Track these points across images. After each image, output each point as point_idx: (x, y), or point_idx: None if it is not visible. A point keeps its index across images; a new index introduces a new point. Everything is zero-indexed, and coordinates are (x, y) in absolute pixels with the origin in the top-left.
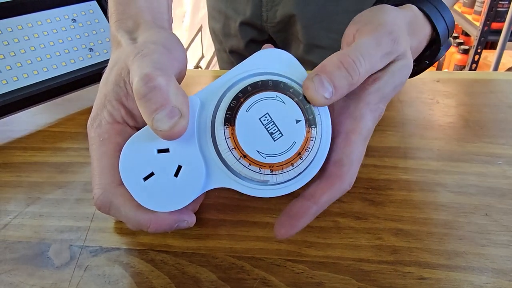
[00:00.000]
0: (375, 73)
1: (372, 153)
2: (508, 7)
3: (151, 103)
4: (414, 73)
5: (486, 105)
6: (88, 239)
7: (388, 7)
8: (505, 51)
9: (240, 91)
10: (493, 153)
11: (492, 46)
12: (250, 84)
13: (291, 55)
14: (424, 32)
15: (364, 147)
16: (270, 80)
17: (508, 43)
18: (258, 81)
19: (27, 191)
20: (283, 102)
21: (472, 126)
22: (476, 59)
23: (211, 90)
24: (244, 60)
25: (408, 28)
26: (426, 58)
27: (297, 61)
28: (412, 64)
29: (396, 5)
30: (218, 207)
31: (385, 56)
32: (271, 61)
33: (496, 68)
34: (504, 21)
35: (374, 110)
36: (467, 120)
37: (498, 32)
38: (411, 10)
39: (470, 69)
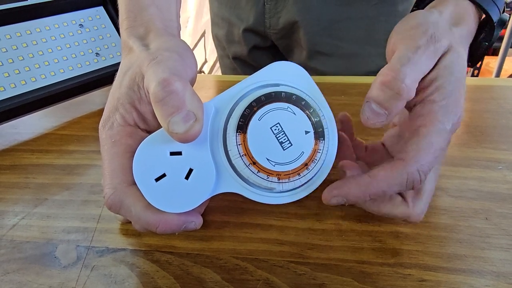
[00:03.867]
0: (428, 73)
1: None
2: (511, 14)
3: (168, 107)
4: (477, 59)
5: (488, 111)
6: (95, 239)
7: (418, 12)
8: (507, 58)
9: (254, 100)
10: (494, 158)
11: (494, 52)
12: (264, 94)
13: (303, 68)
14: (470, 17)
15: (439, 144)
16: (283, 91)
17: (510, 50)
18: (272, 92)
19: (34, 192)
20: (294, 114)
21: (473, 132)
22: (478, 65)
23: (225, 97)
24: (258, 71)
25: (450, 20)
26: (484, 40)
27: (308, 74)
28: (465, 54)
29: None
30: (222, 210)
31: (430, 56)
32: (284, 74)
33: (498, 74)
34: (506, 28)
35: (442, 106)
36: (468, 126)
37: (500, 38)
38: (448, 3)
39: (472, 75)
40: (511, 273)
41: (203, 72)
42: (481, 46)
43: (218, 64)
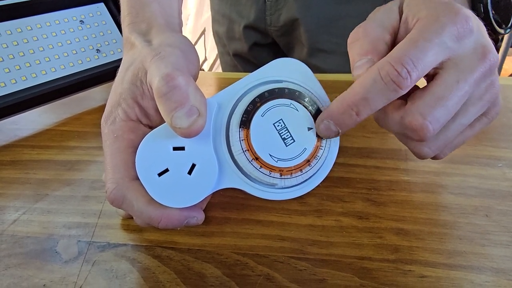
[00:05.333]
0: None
1: (374, 155)
2: None
3: (171, 102)
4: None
5: None
6: (96, 235)
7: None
8: (507, 57)
9: (257, 96)
10: (494, 156)
11: None
12: (267, 90)
13: (306, 65)
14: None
15: (428, 44)
16: (286, 88)
17: (511, 49)
18: (275, 88)
19: (35, 188)
20: (297, 110)
21: None
22: None
23: (228, 93)
24: (262, 67)
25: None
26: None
27: (311, 71)
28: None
29: None
30: (223, 206)
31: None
32: (288, 70)
33: (498, 73)
34: None
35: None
36: None
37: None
38: None
39: None
40: (511, 269)
41: (203, 70)
42: None
43: (218, 62)
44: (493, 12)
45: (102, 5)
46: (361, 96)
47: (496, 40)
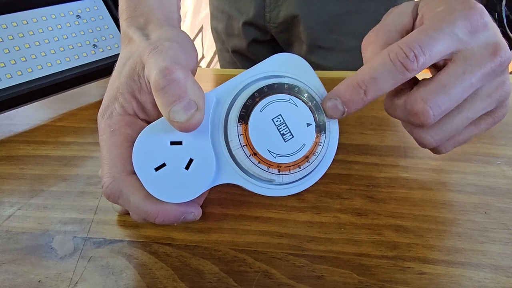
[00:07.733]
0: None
1: (373, 152)
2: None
3: (169, 95)
4: None
5: None
6: (92, 231)
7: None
8: None
9: (257, 91)
10: (492, 154)
11: None
12: (266, 85)
13: (305, 61)
14: None
15: (438, 32)
16: (286, 83)
17: None
18: (275, 83)
19: (30, 183)
20: (296, 105)
21: None
22: None
23: (226, 88)
24: (261, 62)
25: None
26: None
27: (310, 66)
28: None
29: None
30: (220, 202)
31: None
32: (287, 65)
33: None
34: None
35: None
36: None
37: None
38: None
39: None
40: (509, 266)
41: (200, 67)
42: None
43: (215, 60)
44: (507, 19)
45: None
46: (370, 75)
47: (510, 47)
